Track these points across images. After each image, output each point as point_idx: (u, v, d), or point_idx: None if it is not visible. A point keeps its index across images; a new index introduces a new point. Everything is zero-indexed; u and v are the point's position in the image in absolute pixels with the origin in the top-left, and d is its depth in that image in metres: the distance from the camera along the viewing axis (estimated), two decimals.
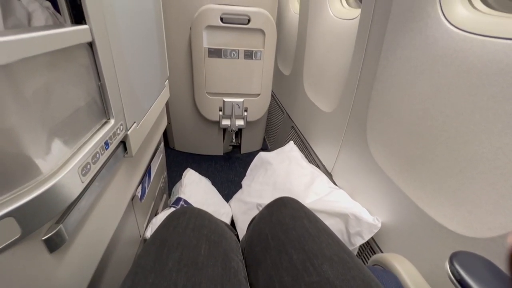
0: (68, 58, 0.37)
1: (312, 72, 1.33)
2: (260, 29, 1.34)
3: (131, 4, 0.57)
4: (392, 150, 0.73)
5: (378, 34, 0.73)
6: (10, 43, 0.25)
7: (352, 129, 0.91)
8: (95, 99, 0.45)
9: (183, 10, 1.30)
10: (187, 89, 1.52)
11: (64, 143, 0.36)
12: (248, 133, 1.78)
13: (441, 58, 0.57)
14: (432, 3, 0.59)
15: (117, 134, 0.50)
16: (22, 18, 0.49)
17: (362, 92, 0.83)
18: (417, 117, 0.64)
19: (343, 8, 1.19)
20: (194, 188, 1.11)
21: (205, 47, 1.35)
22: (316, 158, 1.21)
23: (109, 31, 0.45)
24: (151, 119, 0.74)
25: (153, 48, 0.74)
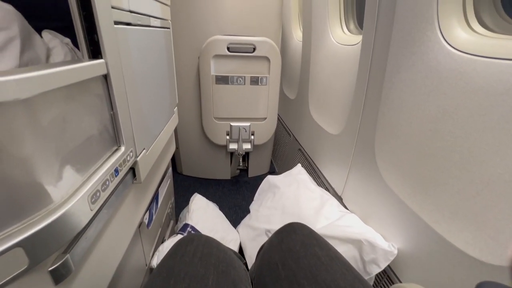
0: (84, 90, 0.39)
1: (317, 96, 1.36)
2: (265, 56, 1.40)
3: (144, 39, 0.61)
4: (403, 172, 0.71)
5: (381, 58, 0.75)
6: (32, 79, 0.27)
7: (360, 151, 0.90)
8: (107, 128, 0.46)
9: (192, 41, 1.37)
10: (195, 114, 1.56)
11: (76, 171, 0.37)
12: (256, 157, 1.78)
13: (446, 79, 0.57)
14: (432, 28, 0.61)
15: (127, 161, 0.51)
16: (41, 53, 0.53)
17: (368, 114, 0.84)
18: (426, 138, 0.63)
19: (345, 34, 1.23)
20: (202, 213, 1.10)
21: (212, 75, 1.40)
22: (325, 181, 1.19)
23: (123, 64, 0.48)
24: (160, 145, 0.75)
25: (163, 77, 0.78)
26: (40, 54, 0.51)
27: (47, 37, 0.57)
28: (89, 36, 0.41)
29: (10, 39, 0.44)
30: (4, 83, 0.24)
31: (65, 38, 0.62)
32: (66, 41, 0.61)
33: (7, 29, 0.43)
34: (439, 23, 0.60)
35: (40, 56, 0.51)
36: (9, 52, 0.43)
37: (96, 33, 0.41)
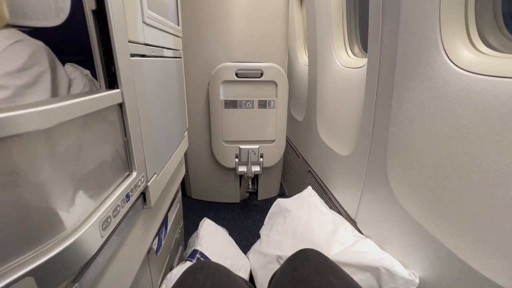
0: (100, 118, 0.40)
1: (325, 117, 1.36)
2: (273, 80, 1.44)
3: (157, 69, 0.64)
4: (419, 194, 0.68)
5: (387, 80, 0.76)
6: (53, 110, 0.28)
7: (372, 172, 0.88)
8: (120, 153, 0.48)
9: (202, 68, 1.44)
10: (204, 138, 1.58)
11: (89, 197, 0.37)
12: (265, 179, 1.76)
13: (456, 99, 0.57)
14: (436, 49, 0.62)
15: (138, 186, 0.52)
16: (64, 84, 0.56)
17: (378, 135, 0.83)
18: (440, 159, 0.61)
19: (350, 58, 1.26)
20: (211, 239, 1.07)
21: (221, 99, 1.44)
22: (337, 204, 1.15)
23: (137, 93, 0.50)
24: (170, 169, 0.76)
25: (175, 103, 0.81)
26: (64, 85, 0.54)
27: (69, 69, 0.62)
28: (107, 68, 0.44)
29: (41, 73, 0.47)
30: (28, 115, 0.26)
31: (84, 70, 0.66)
32: (85, 73, 0.65)
33: (39, 64, 0.47)
34: (443, 44, 0.61)
35: (63, 86, 0.55)
36: (41, 85, 0.47)
37: (113, 65, 0.44)
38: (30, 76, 0.45)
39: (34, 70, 0.46)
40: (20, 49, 0.45)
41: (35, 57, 0.47)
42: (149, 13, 0.57)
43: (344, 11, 1.26)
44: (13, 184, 0.26)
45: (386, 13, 0.73)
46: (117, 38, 0.42)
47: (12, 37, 0.45)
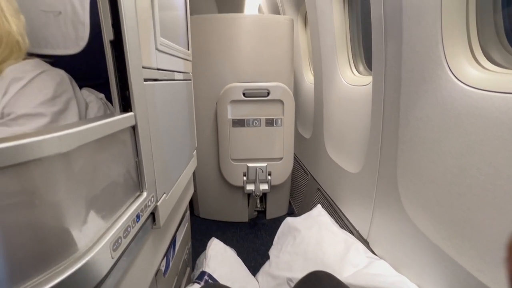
0: (114, 139, 0.42)
1: (332, 135, 1.37)
2: (279, 99, 1.46)
3: (168, 92, 0.67)
4: (433, 212, 0.66)
5: (393, 97, 0.76)
6: (72, 134, 0.30)
7: (383, 190, 0.86)
8: (131, 174, 0.49)
9: (210, 89, 1.48)
10: (212, 157, 1.60)
11: (102, 218, 0.38)
12: (273, 198, 1.74)
13: (464, 116, 0.57)
14: (441, 67, 0.62)
15: (148, 206, 0.52)
16: (82, 108, 0.59)
17: (387, 152, 0.82)
18: (453, 176, 0.60)
19: (354, 76, 1.28)
20: (219, 260, 1.05)
21: (229, 118, 1.47)
22: (348, 223, 1.12)
23: (149, 115, 0.52)
24: (179, 189, 0.76)
25: (184, 124, 0.83)
26: (83, 108, 0.58)
27: (85, 93, 0.65)
28: (121, 92, 0.46)
29: (69, 99, 0.51)
30: (49, 140, 0.27)
31: (99, 93, 0.69)
32: (100, 96, 0.69)
33: (67, 91, 0.51)
34: (447, 62, 0.62)
35: (82, 110, 0.58)
36: (71, 110, 0.50)
37: (128, 90, 0.46)
38: (62, 103, 0.48)
39: (64, 97, 0.49)
40: (48, 78, 0.48)
41: (63, 85, 0.50)
42: (162, 40, 0.61)
43: (347, 31, 1.30)
44: (31, 205, 0.27)
45: (388, 34, 0.75)
46: (132, 65, 0.45)
47: (38, 67, 0.49)
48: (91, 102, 0.64)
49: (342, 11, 1.28)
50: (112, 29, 0.43)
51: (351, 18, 1.28)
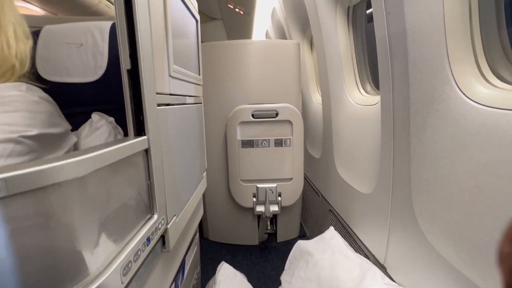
0: (127, 163, 0.43)
1: (342, 154, 1.35)
2: (288, 120, 1.48)
3: (180, 115, 0.69)
4: (453, 235, 0.63)
5: (403, 116, 0.76)
6: (89, 159, 0.31)
7: (398, 211, 0.83)
8: (143, 197, 0.49)
9: (220, 111, 1.52)
10: (222, 178, 1.60)
11: (113, 241, 0.38)
12: (284, 219, 1.70)
13: (477, 134, 0.56)
14: (449, 86, 0.62)
15: (159, 229, 0.52)
16: (94, 131, 0.62)
17: (400, 172, 0.80)
18: (471, 196, 0.57)
19: (362, 96, 1.29)
20: (229, 285, 1.01)
21: (239, 139, 1.49)
22: (363, 246, 1.07)
23: (161, 138, 0.54)
24: (189, 211, 0.76)
25: (195, 146, 0.85)
26: (94, 131, 0.60)
27: (95, 117, 0.68)
28: (136, 117, 0.48)
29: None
30: (67, 165, 0.28)
31: (109, 117, 0.72)
32: (110, 120, 0.71)
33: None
34: (456, 81, 0.62)
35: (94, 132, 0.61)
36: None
37: (142, 115, 0.48)
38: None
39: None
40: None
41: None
42: (175, 67, 0.64)
43: (353, 53, 1.34)
44: (47, 228, 0.28)
45: (394, 55, 0.77)
46: (147, 91, 0.47)
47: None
48: (101, 127, 0.66)
49: (347, 34, 1.32)
50: (130, 59, 0.46)
51: (356, 40, 1.32)
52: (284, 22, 2.30)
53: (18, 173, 0.24)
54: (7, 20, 0.47)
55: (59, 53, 0.70)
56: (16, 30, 0.49)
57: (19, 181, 0.24)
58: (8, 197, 0.23)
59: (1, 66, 0.46)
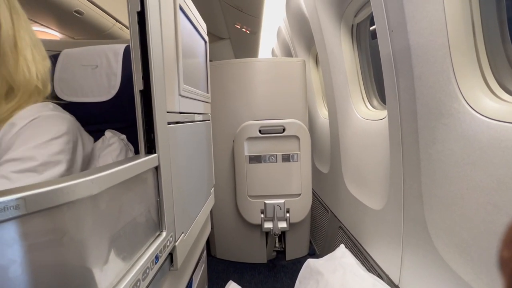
0: (138, 180, 0.44)
1: (351, 169, 1.34)
2: (295, 135, 1.48)
3: (189, 133, 0.71)
4: (470, 255, 0.60)
5: (411, 131, 0.76)
6: (103, 177, 0.32)
7: (410, 228, 0.81)
8: (152, 214, 0.50)
9: (228, 127, 1.54)
10: (229, 194, 1.59)
11: (122, 259, 0.38)
12: (292, 237, 1.66)
13: (489, 148, 0.55)
14: (457, 100, 0.62)
15: (167, 246, 0.52)
16: (107, 147, 0.64)
17: (411, 187, 0.78)
18: (487, 213, 0.55)
19: (369, 110, 1.29)
20: None
21: (246, 155, 1.49)
22: (375, 265, 1.03)
23: (171, 155, 0.55)
24: (197, 228, 0.76)
25: (203, 162, 0.86)
26: (86, 151, 0.62)
27: (108, 135, 0.70)
28: (147, 136, 0.50)
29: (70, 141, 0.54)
30: (82, 183, 0.29)
31: (121, 135, 0.74)
32: (122, 137, 0.73)
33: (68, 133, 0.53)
34: (463, 95, 0.62)
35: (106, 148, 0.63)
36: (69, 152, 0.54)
37: (153, 133, 0.50)
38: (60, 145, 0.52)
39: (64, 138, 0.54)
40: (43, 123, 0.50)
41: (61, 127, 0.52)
42: (185, 86, 0.66)
43: (358, 68, 1.35)
44: (60, 245, 0.29)
45: (399, 70, 0.78)
46: (158, 110, 0.49)
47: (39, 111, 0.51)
48: (113, 144, 0.68)
49: (352, 50, 1.35)
50: (142, 80, 0.48)
51: (360, 56, 1.34)
52: (289, 40, 2.36)
53: (36, 192, 0.25)
54: (25, 44, 0.51)
55: (76, 75, 0.74)
56: (33, 53, 0.53)
57: (37, 200, 0.25)
58: (26, 215, 0.24)
59: (26, 89, 0.50)
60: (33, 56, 0.53)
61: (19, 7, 0.51)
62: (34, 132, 0.45)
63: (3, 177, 0.40)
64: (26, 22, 0.52)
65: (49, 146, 0.45)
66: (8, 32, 0.47)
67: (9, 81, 0.48)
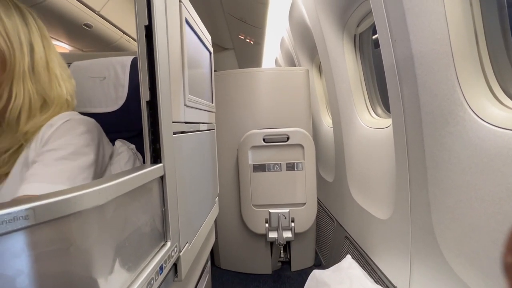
0: (144, 189, 0.44)
1: (356, 178, 1.32)
2: (299, 144, 1.48)
3: (194, 142, 0.71)
4: (481, 267, 0.59)
5: (416, 140, 0.75)
6: (109, 188, 0.33)
7: (418, 239, 0.79)
8: (157, 223, 0.50)
9: (232, 136, 1.55)
10: (233, 203, 1.59)
11: (127, 270, 0.38)
12: (298, 247, 1.63)
13: (497, 157, 0.54)
14: (462, 108, 0.62)
15: (171, 256, 0.52)
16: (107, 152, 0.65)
17: (418, 197, 0.77)
18: (498, 223, 0.54)
19: (373, 119, 1.29)
20: None
21: (250, 164, 1.49)
22: (383, 277, 1.01)
23: (176, 165, 0.55)
24: (201, 238, 0.75)
25: (208, 171, 0.86)
26: (107, 153, 0.64)
27: (118, 144, 0.71)
28: (153, 145, 0.51)
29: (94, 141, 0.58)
30: (88, 194, 0.30)
31: (130, 144, 0.75)
32: (131, 147, 0.75)
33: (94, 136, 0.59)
34: (468, 103, 0.61)
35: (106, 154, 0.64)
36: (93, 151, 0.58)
37: (158, 143, 0.50)
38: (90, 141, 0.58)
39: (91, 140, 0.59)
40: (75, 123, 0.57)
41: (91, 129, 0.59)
42: (190, 97, 0.67)
43: (361, 77, 1.36)
44: (66, 255, 0.29)
45: (403, 79, 0.78)
46: (164, 121, 0.50)
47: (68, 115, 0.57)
48: (122, 153, 0.69)
49: (355, 59, 1.36)
50: (149, 91, 0.49)
51: (363, 64, 1.35)
52: (292, 50, 2.39)
53: (45, 202, 0.25)
54: (54, 65, 0.59)
55: (85, 86, 0.76)
56: (61, 73, 0.61)
57: (46, 210, 0.25)
58: (35, 225, 0.24)
59: (58, 103, 0.58)
60: (62, 75, 0.61)
61: (47, 35, 0.59)
62: (67, 129, 0.53)
63: (42, 164, 0.48)
64: (54, 47, 0.61)
65: (78, 139, 0.53)
66: (41, 55, 0.56)
67: (43, 96, 0.56)
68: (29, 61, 0.53)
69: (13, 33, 0.50)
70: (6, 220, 0.22)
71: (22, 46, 0.52)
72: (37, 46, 0.55)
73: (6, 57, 0.50)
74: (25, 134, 0.52)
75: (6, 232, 0.22)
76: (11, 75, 0.51)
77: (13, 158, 0.51)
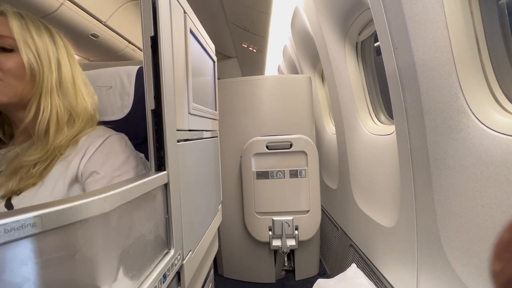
0: (147, 197, 0.45)
1: (360, 185, 1.31)
2: (302, 151, 1.48)
3: (197, 149, 0.72)
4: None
5: (420, 146, 0.75)
6: (115, 195, 0.33)
7: (425, 247, 0.78)
8: (160, 231, 0.50)
9: (235, 143, 1.55)
10: (236, 211, 1.58)
11: (131, 278, 0.38)
12: (302, 255, 1.61)
13: (503, 164, 0.53)
14: (466, 115, 0.62)
15: (175, 264, 0.52)
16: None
17: (423, 204, 0.76)
18: None
19: (377, 125, 1.29)
20: None
21: (253, 171, 1.49)
22: (389, 286, 0.99)
23: (180, 172, 0.56)
24: (205, 245, 0.75)
25: (211, 179, 0.86)
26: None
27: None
28: (157, 153, 0.51)
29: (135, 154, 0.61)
30: (95, 201, 0.30)
31: (139, 153, 0.76)
32: (140, 156, 0.75)
33: (132, 148, 0.62)
34: (472, 110, 0.61)
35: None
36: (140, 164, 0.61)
37: (163, 150, 0.51)
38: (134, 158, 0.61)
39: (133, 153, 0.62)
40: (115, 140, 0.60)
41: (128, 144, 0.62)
42: (194, 105, 0.68)
43: (364, 84, 1.36)
44: (71, 263, 0.29)
45: (405, 86, 0.78)
46: (168, 129, 0.51)
47: (107, 132, 0.61)
48: None
49: (357, 67, 1.37)
50: (154, 100, 0.50)
51: (366, 72, 1.36)
52: (295, 58, 2.42)
53: (52, 210, 0.25)
54: (80, 81, 0.62)
55: None
56: (86, 89, 0.64)
57: (53, 218, 0.25)
58: (42, 232, 0.24)
59: (84, 117, 0.60)
60: (86, 91, 0.64)
61: (73, 53, 0.63)
62: (112, 150, 0.57)
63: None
64: (78, 65, 0.64)
65: (130, 162, 0.57)
66: (67, 72, 0.59)
67: (70, 110, 0.58)
68: (57, 77, 0.56)
69: (42, 51, 0.54)
70: (15, 227, 0.22)
71: (51, 63, 0.55)
72: (64, 63, 0.58)
73: (35, 72, 0.53)
74: (59, 148, 0.54)
75: (14, 239, 0.22)
76: (40, 89, 0.53)
77: (45, 171, 0.52)
